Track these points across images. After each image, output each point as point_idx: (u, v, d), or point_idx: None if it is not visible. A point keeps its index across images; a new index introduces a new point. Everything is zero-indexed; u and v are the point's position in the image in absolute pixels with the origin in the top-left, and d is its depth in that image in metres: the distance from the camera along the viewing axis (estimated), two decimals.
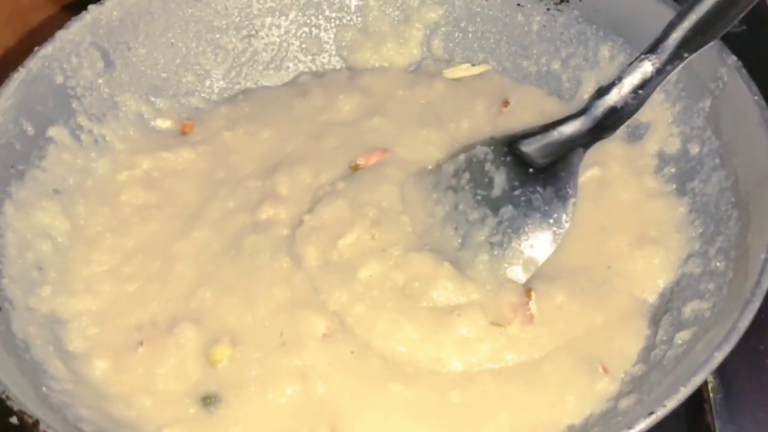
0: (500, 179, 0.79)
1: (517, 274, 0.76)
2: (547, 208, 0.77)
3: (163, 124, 0.89)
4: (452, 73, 0.92)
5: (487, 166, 0.80)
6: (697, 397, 0.73)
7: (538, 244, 0.76)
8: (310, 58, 0.96)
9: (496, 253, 0.76)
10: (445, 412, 0.69)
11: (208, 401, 0.71)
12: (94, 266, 0.80)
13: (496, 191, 0.79)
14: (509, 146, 0.81)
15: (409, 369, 0.71)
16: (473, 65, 0.92)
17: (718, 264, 0.72)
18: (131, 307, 0.77)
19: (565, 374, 0.70)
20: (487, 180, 0.80)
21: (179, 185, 0.85)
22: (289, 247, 0.78)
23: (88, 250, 0.81)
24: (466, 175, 0.81)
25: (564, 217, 0.77)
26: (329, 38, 0.96)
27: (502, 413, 0.69)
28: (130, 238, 0.82)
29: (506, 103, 0.87)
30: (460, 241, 0.78)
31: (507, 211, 0.78)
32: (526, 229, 0.77)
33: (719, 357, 0.62)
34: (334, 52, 0.96)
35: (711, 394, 0.73)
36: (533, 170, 0.79)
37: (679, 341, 0.69)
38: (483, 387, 0.70)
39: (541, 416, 0.68)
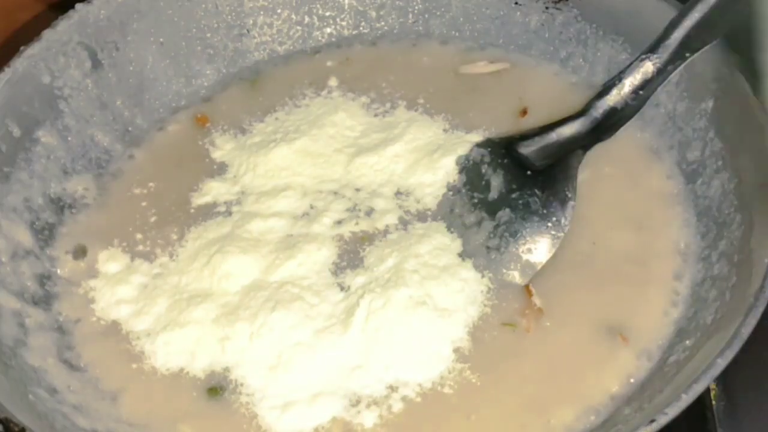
0: (497, 182, 0.79)
1: (515, 278, 0.75)
2: (545, 211, 0.77)
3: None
4: (468, 69, 0.91)
5: (484, 169, 0.80)
6: (700, 405, 0.72)
7: (536, 248, 0.76)
8: (304, 57, 0.95)
9: (493, 257, 0.76)
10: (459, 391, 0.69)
11: (215, 392, 0.71)
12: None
13: (493, 194, 0.78)
14: (507, 148, 0.80)
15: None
16: (491, 62, 0.91)
17: (720, 269, 0.72)
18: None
19: (583, 344, 0.70)
20: (483, 183, 0.79)
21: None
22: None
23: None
24: (463, 178, 0.80)
25: (563, 220, 0.76)
26: (323, 37, 0.95)
27: (522, 390, 0.69)
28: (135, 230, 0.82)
29: (524, 112, 0.86)
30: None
31: (504, 214, 0.77)
32: (524, 233, 0.76)
33: (722, 364, 0.62)
34: (328, 52, 0.95)
35: (713, 402, 0.73)
36: (531, 173, 0.79)
37: (682, 347, 0.69)
38: (498, 368, 0.70)
39: (562, 391, 0.68)
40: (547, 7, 0.90)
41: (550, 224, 0.76)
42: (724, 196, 0.75)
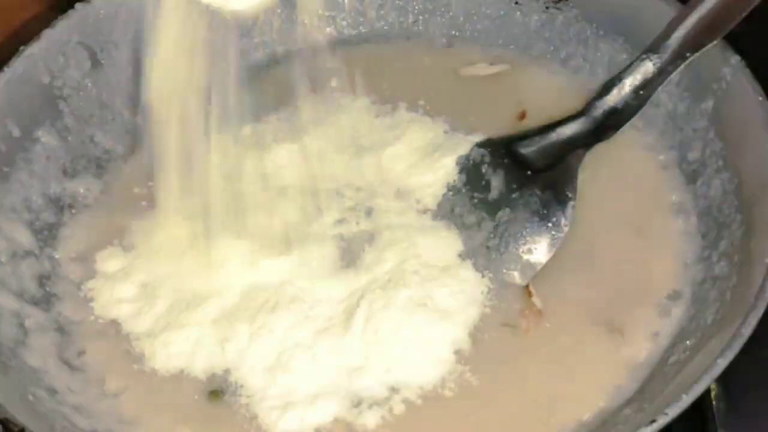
0: (497, 182, 0.79)
1: (515, 279, 0.75)
2: (545, 211, 0.77)
3: None
4: (468, 71, 0.91)
5: (484, 168, 0.80)
6: (700, 405, 0.72)
7: (536, 248, 0.76)
8: (305, 57, 0.95)
9: (493, 257, 0.76)
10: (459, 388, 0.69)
11: (216, 396, 0.71)
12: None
13: (493, 194, 0.78)
14: (507, 148, 0.80)
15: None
16: (490, 64, 0.91)
17: (721, 269, 0.72)
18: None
19: (583, 344, 0.71)
20: (483, 183, 0.79)
21: None
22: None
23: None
24: (463, 178, 0.80)
25: (563, 220, 0.76)
26: (323, 37, 0.95)
27: (522, 390, 0.69)
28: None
29: (523, 115, 0.86)
30: None
31: (504, 214, 0.77)
32: (524, 233, 0.76)
33: (722, 364, 0.62)
34: (330, 51, 0.95)
35: (714, 402, 0.72)
36: (531, 173, 0.79)
37: (682, 348, 0.69)
38: (498, 369, 0.70)
39: (563, 392, 0.69)
40: (547, 7, 0.90)
41: (550, 224, 0.76)
42: (724, 197, 0.75)
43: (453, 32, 0.94)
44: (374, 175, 0.82)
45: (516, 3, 0.91)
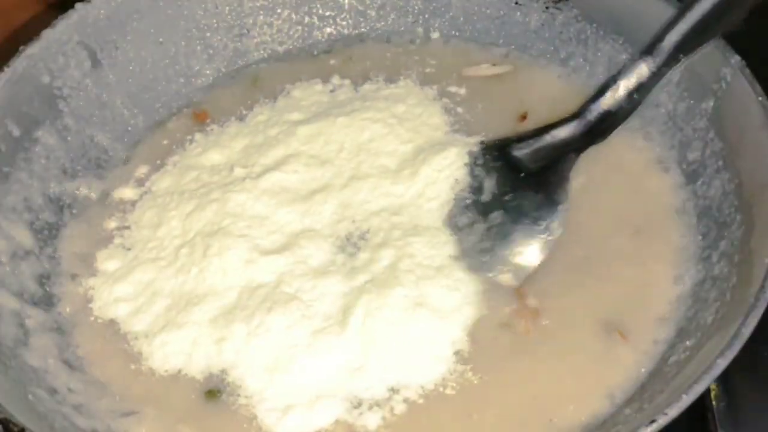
0: (490, 184, 0.79)
1: (508, 280, 0.75)
2: (537, 214, 0.77)
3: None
4: (471, 71, 0.91)
5: (478, 171, 0.80)
6: (700, 405, 0.72)
7: (528, 250, 0.76)
8: (304, 57, 0.95)
9: (485, 259, 0.76)
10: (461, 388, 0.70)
11: (212, 395, 0.71)
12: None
13: (486, 196, 0.79)
14: (501, 150, 0.81)
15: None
16: (494, 65, 0.91)
17: (721, 269, 0.71)
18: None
19: (584, 345, 0.71)
20: (477, 184, 0.79)
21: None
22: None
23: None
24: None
25: (555, 223, 0.76)
26: (323, 37, 0.95)
27: (523, 389, 0.69)
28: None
29: (524, 117, 0.86)
30: None
31: (497, 216, 0.77)
32: (516, 235, 0.76)
33: (722, 364, 0.62)
34: (328, 52, 0.95)
35: (714, 402, 0.72)
36: (525, 175, 0.79)
37: (682, 348, 0.69)
38: (498, 369, 0.70)
39: (563, 390, 0.69)
40: (547, 7, 0.90)
41: (542, 226, 0.76)
42: (724, 197, 0.75)
43: (453, 32, 0.94)
44: (371, 174, 0.82)
45: (516, 3, 0.91)
